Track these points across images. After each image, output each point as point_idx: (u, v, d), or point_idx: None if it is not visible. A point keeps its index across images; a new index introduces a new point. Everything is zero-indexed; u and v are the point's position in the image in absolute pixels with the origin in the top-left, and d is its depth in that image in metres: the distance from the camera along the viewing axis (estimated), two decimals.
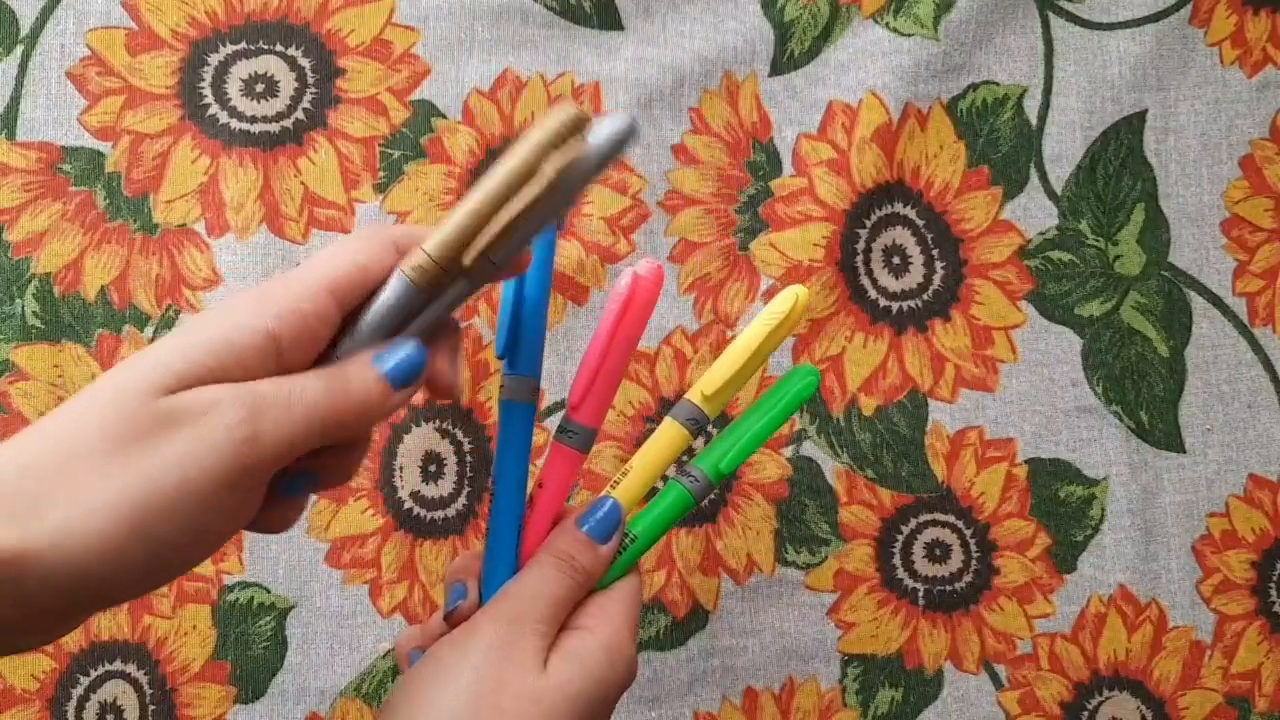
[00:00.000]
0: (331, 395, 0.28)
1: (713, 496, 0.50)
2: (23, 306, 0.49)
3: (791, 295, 0.36)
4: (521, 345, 0.35)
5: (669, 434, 0.37)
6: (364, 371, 0.29)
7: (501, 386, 0.35)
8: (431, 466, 0.49)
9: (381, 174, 0.50)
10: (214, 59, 0.50)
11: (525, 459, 0.35)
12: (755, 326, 0.36)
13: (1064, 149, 0.53)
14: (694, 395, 0.37)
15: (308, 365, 0.29)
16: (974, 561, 0.51)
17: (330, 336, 0.29)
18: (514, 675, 0.31)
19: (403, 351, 0.30)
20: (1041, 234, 0.52)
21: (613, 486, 0.37)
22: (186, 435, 0.25)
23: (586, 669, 0.32)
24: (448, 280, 0.30)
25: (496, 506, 0.35)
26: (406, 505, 0.49)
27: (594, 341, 0.36)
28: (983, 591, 0.51)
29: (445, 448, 0.49)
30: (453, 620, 0.34)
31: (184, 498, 0.25)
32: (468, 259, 0.29)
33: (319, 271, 0.29)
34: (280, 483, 0.29)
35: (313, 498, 0.49)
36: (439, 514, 0.49)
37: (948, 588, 0.51)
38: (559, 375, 0.50)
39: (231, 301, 0.28)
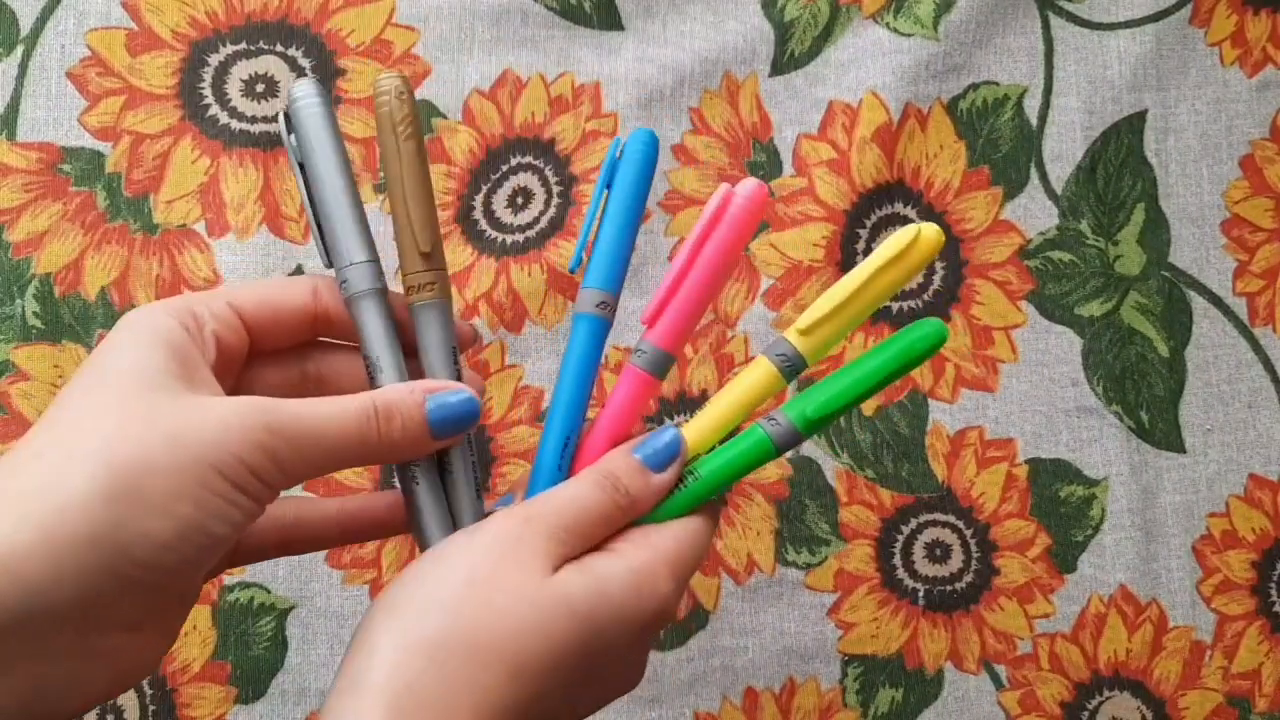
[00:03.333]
0: (364, 427, 0.28)
1: None
2: (23, 307, 0.49)
3: (912, 231, 0.31)
4: (596, 255, 0.33)
5: (756, 372, 0.32)
6: (411, 410, 0.29)
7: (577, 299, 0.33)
8: None
9: (382, 174, 0.50)
10: (214, 59, 0.50)
11: (585, 375, 0.33)
12: (867, 261, 0.31)
13: (1064, 149, 0.53)
14: (790, 333, 0.32)
15: (230, 368, 0.29)
16: (974, 561, 0.51)
17: (237, 341, 0.30)
18: (513, 572, 0.28)
19: (456, 399, 0.30)
20: (1042, 234, 0.52)
21: (684, 421, 0.34)
22: (224, 422, 0.26)
23: (603, 589, 0.28)
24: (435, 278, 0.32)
25: (549, 419, 0.33)
26: None
27: (677, 260, 0.33)
28: (983, 591, 0.51)
29: None
30: None
31: (216, 465, 0.25)
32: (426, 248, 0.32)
33: (220, 290, 0.30)
34: None
35: (313, 497, 0.49)
36: None
37: (948, 588, 0.51)
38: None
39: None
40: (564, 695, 0.28)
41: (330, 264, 0.32)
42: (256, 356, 0.31)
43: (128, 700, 0.47)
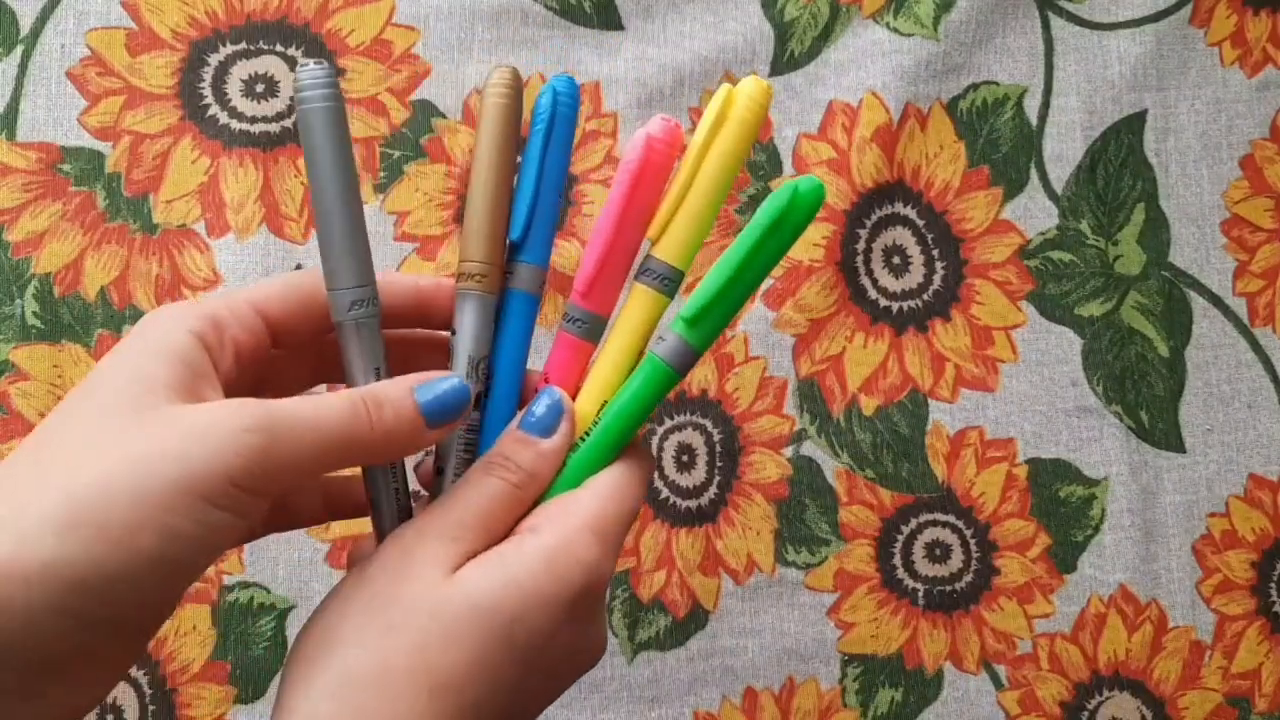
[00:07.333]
0: (355, 419, 0.26)
1: (712, 496, 0.50)
2: (23, 307, 0.49)
3: (724, 90, 0.30)
4: (536, 230, 0.31)
5: (634, 301, 0.31)
6: (401, 399, 0.28)
7: (507, 274, 0.31)
8: None
9: (382, 174, 0.50)
10: (214, 59, 0.50)
11: (524, 354, 0.32)
12: (712, 176, 0.30)
13: (1064, 149, 0.53)
14: (652, 249, 0.31)
15: (248, 370, 0.28)
16: (974, 561, 0.51)
17: (257, 344, 0.28)
18: (408, 586, 0.26)
19: (444, 385, 0.28)
20: (1042, 234, 0.52)
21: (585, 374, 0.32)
22: (199, 431, 0.24)
23: (512, 576, 0.26)
24: (502, 281, 0.31)
25: (492, 404, 0.31)
26: None
27: (603, 220, 0.31)
28: (983, 591, 0.51)
29: None
30: None
31: (184, 485, 0.23)
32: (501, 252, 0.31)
33: (245, 290, 0.29)
34: None
35: None
36: None
37: (948, 588, 0.51)
38: None
39: (166, 308, 0.28)
40: (508, 695, 0.26)
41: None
42: (282, 354, 0.30)
43: (127, 700, 0.47)
